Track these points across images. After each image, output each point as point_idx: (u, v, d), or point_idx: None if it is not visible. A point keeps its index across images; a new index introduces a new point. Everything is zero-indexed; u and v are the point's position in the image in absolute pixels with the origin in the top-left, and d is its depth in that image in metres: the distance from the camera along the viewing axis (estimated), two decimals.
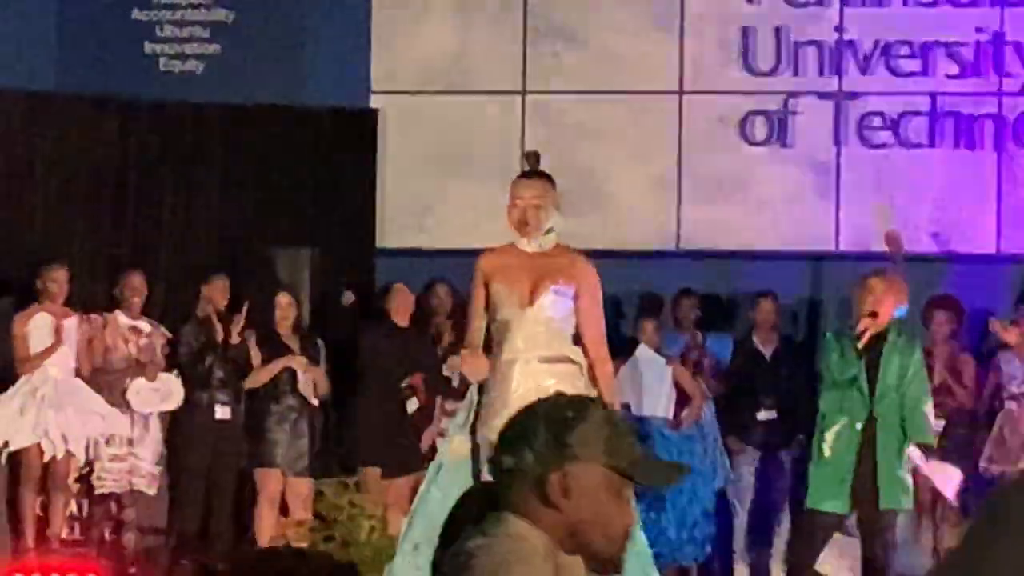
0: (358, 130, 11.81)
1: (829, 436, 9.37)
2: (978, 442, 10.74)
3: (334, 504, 9.96)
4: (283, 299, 10.59)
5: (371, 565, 9.34)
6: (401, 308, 10.85)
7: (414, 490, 9.25)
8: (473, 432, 7.24)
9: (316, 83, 12.13)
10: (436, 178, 12.01)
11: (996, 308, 11.07)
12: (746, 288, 11.68)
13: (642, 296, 11.58)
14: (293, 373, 10.45)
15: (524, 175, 7.47)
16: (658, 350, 10.96)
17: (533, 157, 7.55)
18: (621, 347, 10.71)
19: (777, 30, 12.23)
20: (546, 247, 7.32)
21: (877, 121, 12.30)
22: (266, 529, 10.20)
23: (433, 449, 10.42)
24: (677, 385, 11.05)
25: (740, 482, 11.09)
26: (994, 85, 11.88)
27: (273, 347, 10.49)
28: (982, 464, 10.69)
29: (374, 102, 12.06)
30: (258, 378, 10.35)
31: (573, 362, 7.35)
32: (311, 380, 10.32)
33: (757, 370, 11.31)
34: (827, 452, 9.24)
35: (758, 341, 11.29)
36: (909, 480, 9.12)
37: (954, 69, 12.24)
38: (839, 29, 12.30)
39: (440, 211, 12.01)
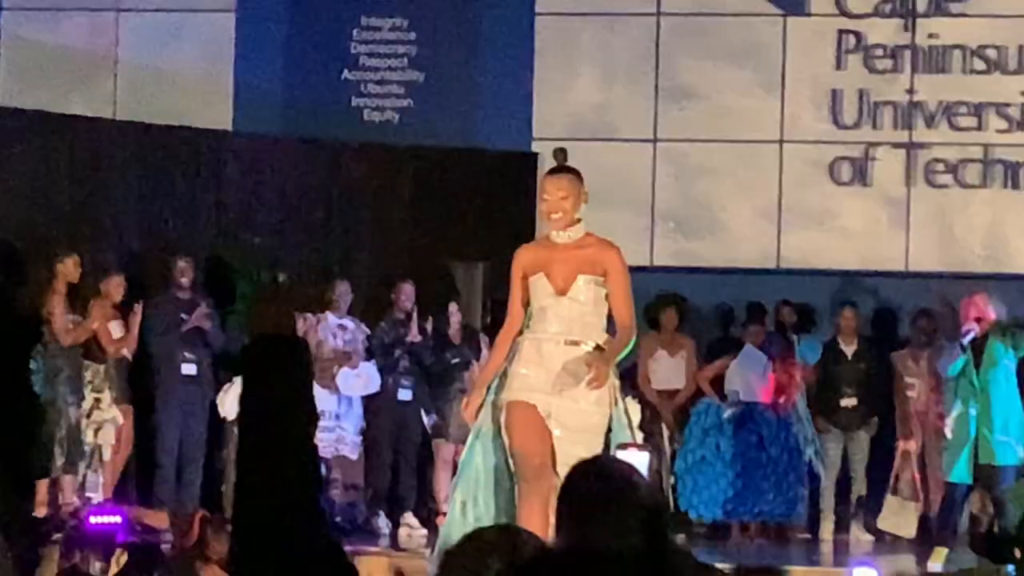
0: (522, 169, 12.45)
1: (949, 421, 10.58)
2: None
3: None
4: (452, 307, 11.53)
5: None
6: None
7: None
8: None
9: (488, 130, 13.03)
10: (584, 210, 12.83)
11: None
12: (832, 299, 12.54)
13: (749, 305, 12.28)
14: (462, 364, 11.39)
15: (552, 171, 7.32)
16: (761, 348, 11.88)
17: (561, 155, 7.36)
18: (731, 346, 12.15)
19: (860, 92, 13.04)
20: (575, 238, 7.15)
21: (940, 167, 13.06)
22: (443, 488, 10.82)
23: None
24: (776, 377, 11.98)
25: (827, 456, 11.95)
26: None
27: (442, 344, 11.40)
28: None
29: (535, 147, 12.76)
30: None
31: (599, 347, 7.18)
32: (474, 371, 11.10)
33: (840, 366, 12.12)
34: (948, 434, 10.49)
35: (842, 342, 12.11)
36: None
37: (1003, 124, 13.04)
38: (910, 91, 13.07)
39: None
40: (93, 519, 9.34)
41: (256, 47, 13.17)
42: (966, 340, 10.30)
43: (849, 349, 12.10)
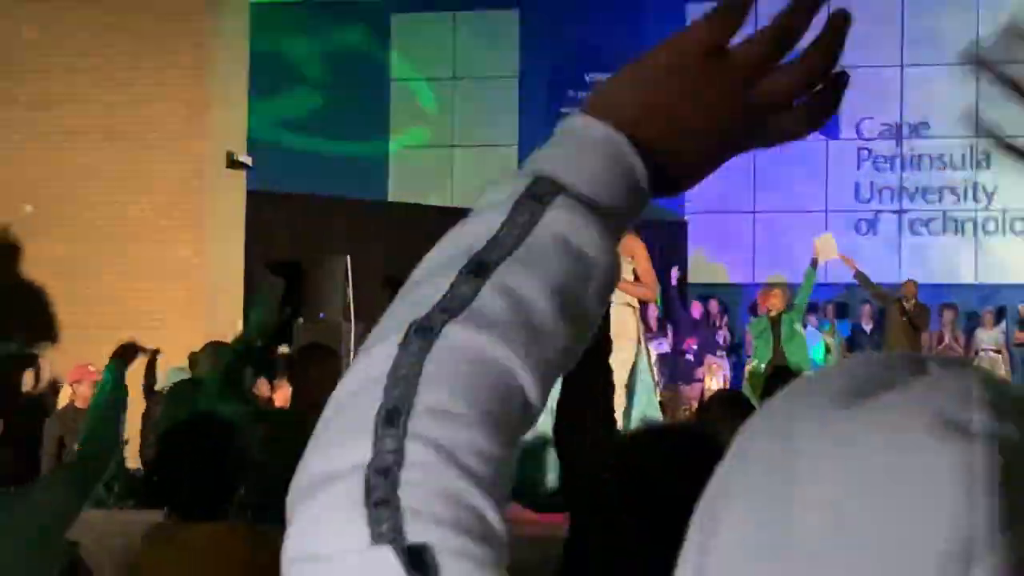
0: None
1: None
2: None
3: None
4: None
5: None
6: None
7: None
8: None
9: None
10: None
11: None
12: None
13: None
14: None
15: None
16: None
17: None
18: None
19: (870, 182, 20.37)
20: None
21: (918, 224, 20.75)
22: None
23: None
24: (827, 344, 20.10)
25: None
26: None
27: None
28: None
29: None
30: None
31: (629, 305, 8.19)
32: None
33: (862, 338, 18.25)
34: None
35: (863, 323, 18.61)
36: None
37: (953, 198, 19.89)
38: (900, 181, 20.21)
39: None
40: None
41: None
42: None
43: (868, 328, 19.43)
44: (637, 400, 8.26)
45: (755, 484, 0.91)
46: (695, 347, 17.99)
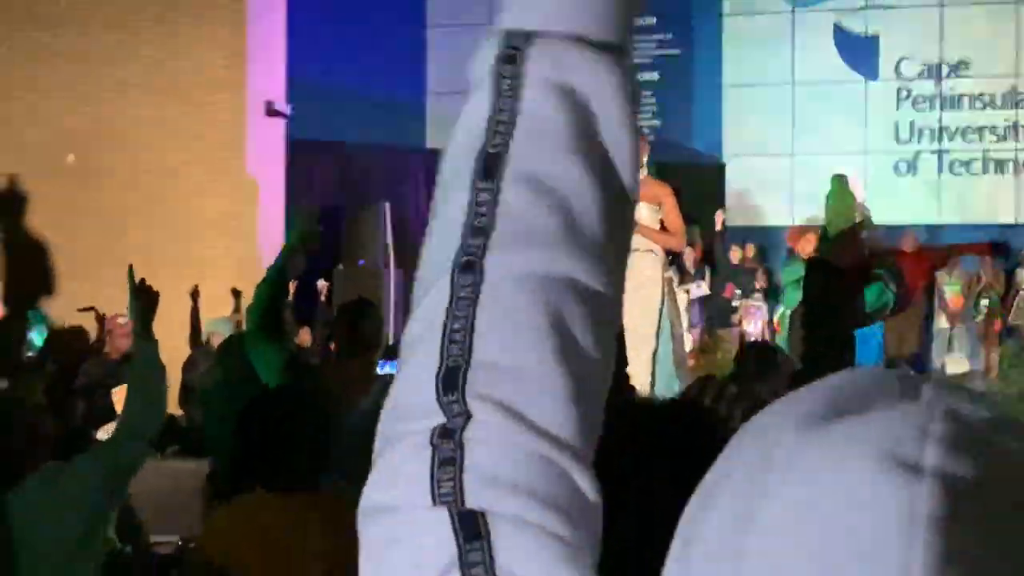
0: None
1: None
2: None
3: None
4: None
5: None
6: None
7: None
8: None
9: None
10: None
11: None
12: None
13: None
14: None
15: None
16: None
17: None
18: None
19: (910, 122, 20.04)
20: (641, 178, 9.39)
21: (957, 164, 19.85)
22: None
23: None
24: None
25: None
26: None
27: None
28: None
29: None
30: None
31: (655, 252, 8.20)
32: None
33: None
34: None
35: None
36: None
37: (993, 138, 19.48)
38: (940, 121, 19.79)
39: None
40: None
41: None
42: None
43: None
44: (663, 350, 8.24)
45: (734, 492, 0.89)
46: (737, 292, 17.98)
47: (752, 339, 14.03)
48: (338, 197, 16.94)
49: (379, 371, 5.07)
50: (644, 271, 8.05)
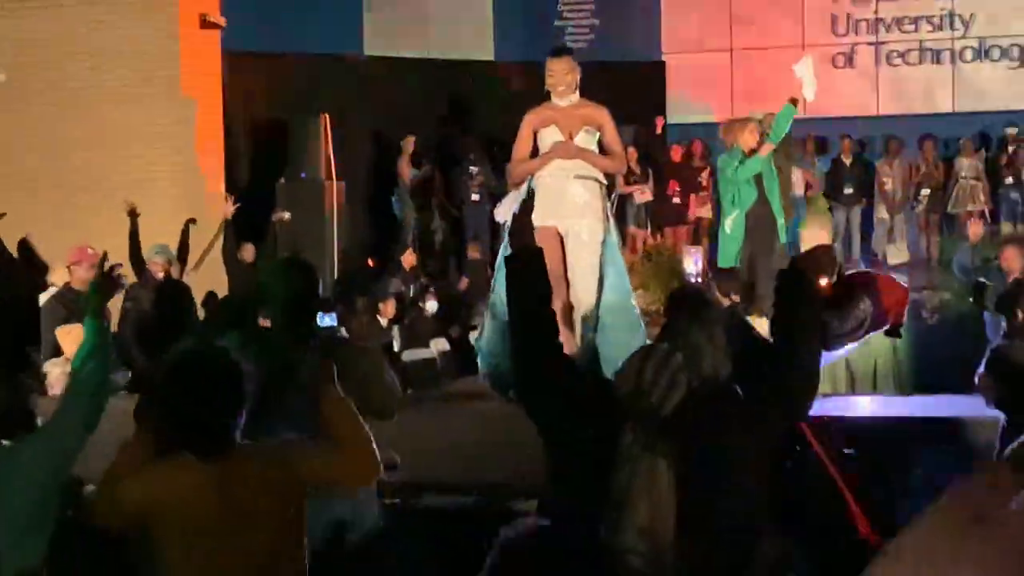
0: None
1: None
2: None
3: None
4: None
5: None
6: None
7: None
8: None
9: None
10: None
11: None
12: None
13: None
14: None
15: (553, 53, 8.29)
16: None
17: (558, 40, 9.29)
18: None
19: (847, 14, 19.76)
20: (575, 101, 8.03)
21: (894, 55, 19.36)
22: None
23: None
24: (808, 181, 19.95)
25: (837, 221, 18.96)
26: None
27: None
28: None
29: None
30: None
31: (597, 180, 8.05)
32: None
33: (843, 171, 18.11)
34: None
35: (843, 156, 18.29)
36: None
37: (929, 28, 19.36)
38: (875, 12, 19.54)
39: None
40: None
41: None
42: None
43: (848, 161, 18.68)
44: (609, 282, 8.12)
45: None
46: (678, 189, 17.97)
47: (693, 278, 13.84)
48: (275, 108, 16.76)
49: (319, 323, 4.99)
50: (586, 201, 8.03)
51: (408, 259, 14.47)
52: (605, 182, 8.11)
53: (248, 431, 4.14)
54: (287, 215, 13.86)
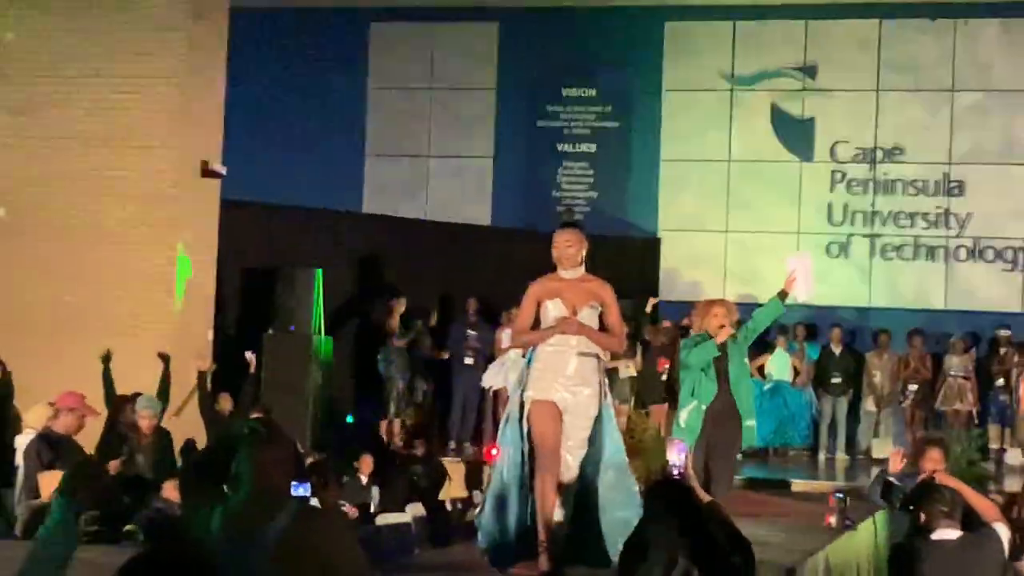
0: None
1: None
2: None
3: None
4: None
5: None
6: None
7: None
8: (521, 393, 7.91)
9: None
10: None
11: None
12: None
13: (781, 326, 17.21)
14: None
15: (562, 226, 8.27)
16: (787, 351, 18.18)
17: (568, 214, 9.13)
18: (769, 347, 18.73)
19: (844, 205, 19.64)
20: (580, 274, 7.96)
21: (889, 249, 19.72)
22: None
23: None
24: (795, 367, 17.94)
25: (823, 411, 18.07)
26: None
27: None
28: None
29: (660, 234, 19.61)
30: None
31: (597, 356, 8.02)
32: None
33: (831, 360, 18.04)
34: None
35: (832, 345, 18.22)
36: None
37: (925, 224, 19.47)
38: (872, 205, 19.70)
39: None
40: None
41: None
42: None
43: (837, 350, 18.50)
44: (606, 456, 8.10)
45: None
46: (667, 367, 17.81)
47: (676, 470, 13.55)
48: (269, 258, 16.73)
49: (292, 492, 4.85)
50: (582, 375, 7.98)
51: (366, 465, 13.42)
52: (605, 358, 8.12)
53: None
54: (253, 358, 13.77)
